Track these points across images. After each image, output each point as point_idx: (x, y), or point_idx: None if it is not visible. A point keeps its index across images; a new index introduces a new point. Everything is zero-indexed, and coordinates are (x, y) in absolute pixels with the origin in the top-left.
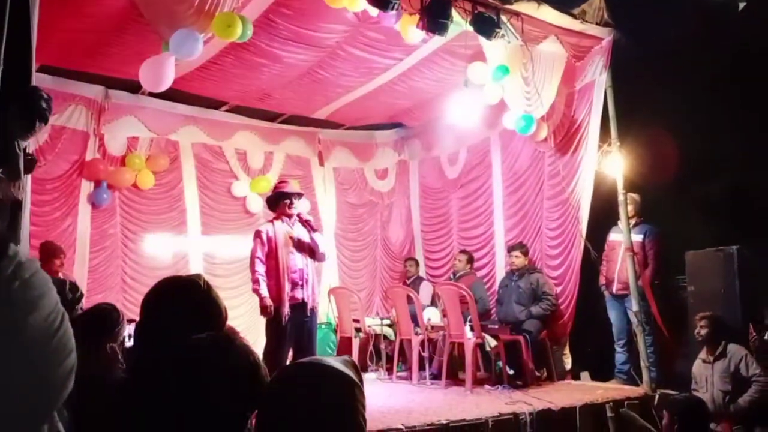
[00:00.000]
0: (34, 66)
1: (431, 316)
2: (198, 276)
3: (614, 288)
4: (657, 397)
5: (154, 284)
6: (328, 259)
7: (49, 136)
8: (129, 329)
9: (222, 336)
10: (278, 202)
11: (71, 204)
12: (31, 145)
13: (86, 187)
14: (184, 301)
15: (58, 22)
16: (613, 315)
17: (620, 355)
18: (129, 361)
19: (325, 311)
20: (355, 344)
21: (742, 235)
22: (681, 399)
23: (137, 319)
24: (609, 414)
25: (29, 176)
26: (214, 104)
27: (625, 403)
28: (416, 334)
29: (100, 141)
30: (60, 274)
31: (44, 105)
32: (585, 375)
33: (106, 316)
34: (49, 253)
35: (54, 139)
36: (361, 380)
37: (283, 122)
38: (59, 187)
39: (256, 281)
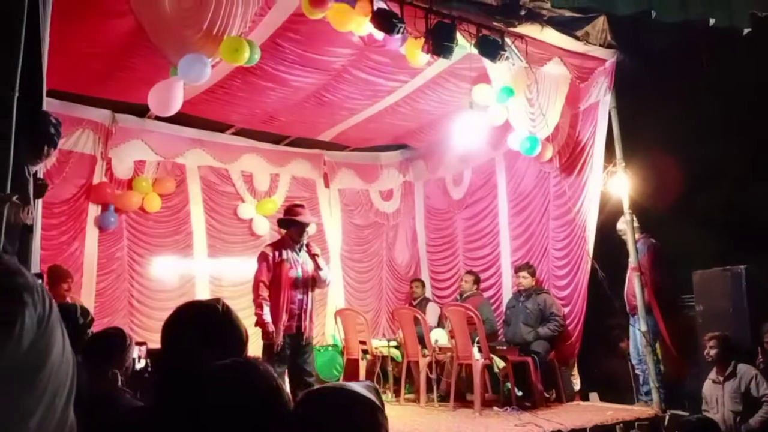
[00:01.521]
0: (45, 91)
1: (438, 337)
2: (217, 300)
3: (628, 309)
4: (667, 418)
5: (175, 309)
6: (332, 282)
7: (56, 160)
8: (138, 351)
9: (243, 361)
10: (290, 226)
11: (78, 228)
12: (40, 169)
13: (93, 210)
14: (203, 327)
15: (66, 47)
16: (630, 336)
17: (639, 377)
18: (143, 385)
19: (332, 333)
20: (362, 366)
21: (749, 254)
22: (693, 420)
23: (145, 341)
24: None
25: (39, 201)
26: (220, 127)
27: (636, 424)
28: (423, 355)
29: (107, 165)
30: (68, 298)
31: (53, 130)
32: (594, 396)
33: (113, 341)
34: (57, 277)
35: (62, 163)
36: (383, 405)
37: (288, 144)
38: (66, 211)
39: (259, 305)
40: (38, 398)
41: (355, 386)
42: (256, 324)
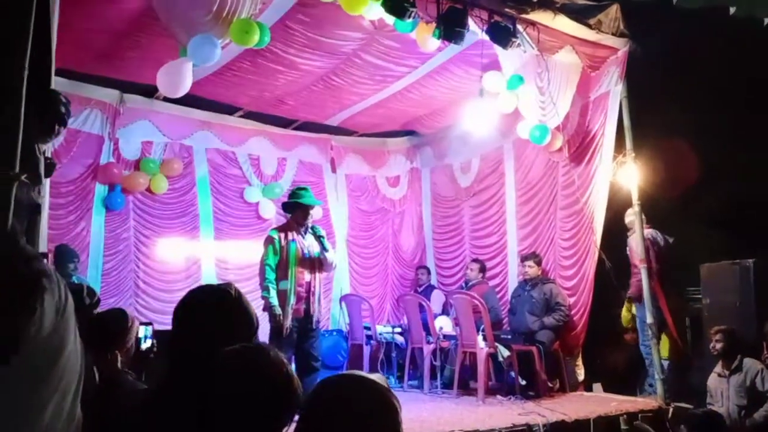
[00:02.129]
0: (54, 69)
1: (443, 324)
2: (229, 285)
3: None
4: (671, 410)
5: (187, 293)
6: (337, 267)
7: (64, 139)
8: (144, 331)
9: (254, 347)
10: (294, 209)
11: (85, 208)
12: (48, 148)
13: (100, 190)
14: (216, 311)
15: (74, 26)
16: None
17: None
18: (149, 365)
19: (336, 318)
20: (366, 352)
21: (758, 249)
22: (700, 414)
23: (150, 322)
24: (623, 427)
25: (47, 180)
26: (228, 110)
27: (639, 415)
28: (428, 342)
29: (115, 145)
30: (74, 278)
31: (63, 109)
32: (597, 386)
33: (115, 322)
34: (64, 256)
35: (69, 142)
36: (397, 401)
37: (296, 129)
38: (74, 191)
39: (266, 289)
40: (53, 390)
41: (366, 375)
42: (264, 308)
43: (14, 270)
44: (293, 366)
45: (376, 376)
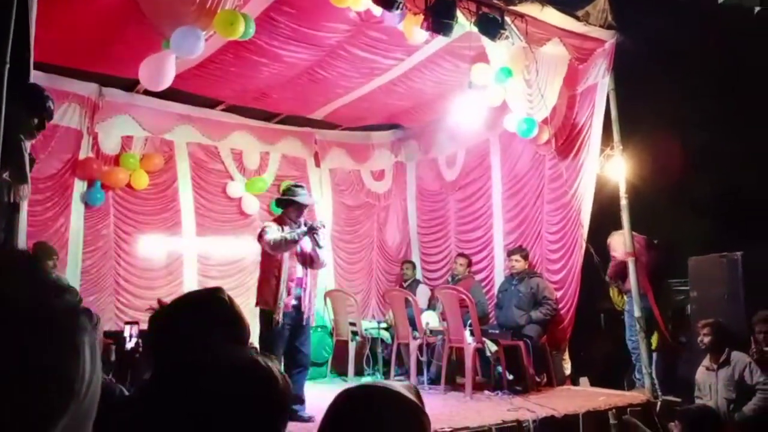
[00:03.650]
0: (32, 63)
1: (430, 320)
2: (220, 290)
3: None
4: (659, 404)
5: (177, 298)
6: (326, 265)
7: (42, 134)
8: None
9: (249, 357)
10: (288, 206)
11: (64, 204)
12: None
13: (79, 186)
14: (208, 317)
15: (52, 19)
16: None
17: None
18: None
19: (321, 314)
20: (352, 348)
21: (745, 240)
22: (693, 409)
23: (137, 321)
24: (612, 421)
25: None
26: (210, 103)
27: (628, 410)
28: (414, 338)
29: (94, 140)
30: (53, 276)
31: (51, 104)
32: (584, 380)
33: None
34: (43, 253)
35: (47, 137)
36: (422, 403)
37: (279, 122)
38: (52, 186)
39: (294, 240)
40: None
41: (396, 386)
42: (290, 240)
43: (49, 307)
44: (282, 363)
45: (405, 385)
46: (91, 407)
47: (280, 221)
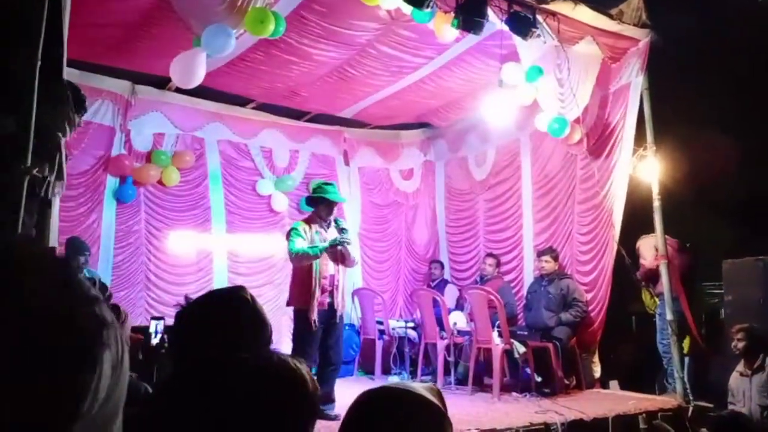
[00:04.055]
0: (66, 60)
1: (457, 320)
2: (243, 289)
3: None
4: (691, 409)
5: (199, 297)
6: (357, 263)
7: (75, 130)
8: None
9: (270, 353)
10: (318, 204)
11: (96, 200)
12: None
13: (112, 182)
14: (232, 317)
15: (86, 16)
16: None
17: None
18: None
19: (349, 312)
20: (379, 346)
21: None
22: (724, 415)
23: (162, 316)
24: (642, 426)
25: None
26: (241, 101)
27: (659, 414)
28: (441, 338)
29: (126, 137)
30: (84, 271)
31: (86, 101)
32: (614, 384)
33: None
34: (75, 249)
35: (80, 134)
36: (445, 407)
37: (308, 121)
38: (85, 183)
39: (316, 255)
40: None
41: (418, 388)
42: (310, 256)
43: (73, 319)
44: (316, 362)
45: (427, 387)
46: (116, 410)
47: (309, 220)
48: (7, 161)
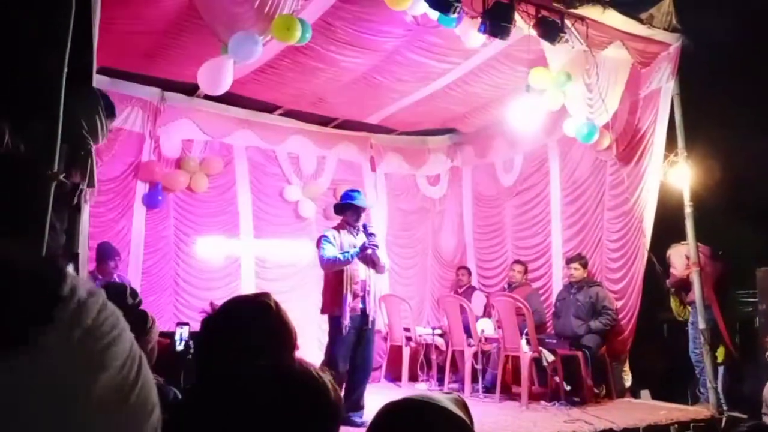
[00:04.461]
0: (95, 68)
1: (485, 327)
2: (268, 296)
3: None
4: (724, 420)
5: (224, 304)
6: (387, 269)
7: (107, 137)
8: (180, 333)
9: (292, 361)
10: (346, 211)
11: (126, 205)
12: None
13: (141, 188)
14: (256, 324)
15: (116, 24)
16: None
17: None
18: (185, 366)
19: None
20: (405, 353)
21: None
22: (750, 426)
23: (187, 322)
24: None
25: None
26: (268, 108)
27: (691, 425)
28: (469, 345)
29: (156, 143)
30: (114, 276)
31: (115, 108)
32: (645, 393)
33: (132, 324)
34: (105, 254)
35: (110, 140)
36: (471, 421)
37: (335, 127)
38: (115, 189)
39: (347, 261)
40: None
41: (443, 400)
42: (343, 262)
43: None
44: (347, 368)
45: (452, 398)
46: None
47: (339, 227)
48: (35, 167)
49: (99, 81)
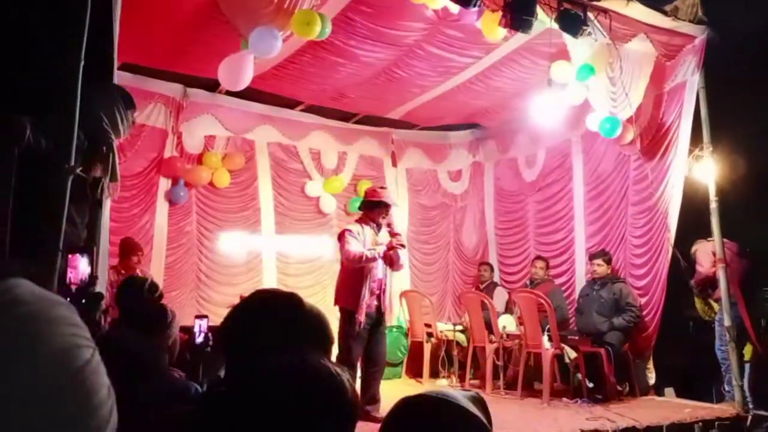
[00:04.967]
0: (116, 64)
1: (506, 323)
2: (292, 294)
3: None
4: (750, 418)
5: (248, 297)
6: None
7: (129, 133)
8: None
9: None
10: (373, 208)
11: (149, 201)
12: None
13: (164, 184)
14: (287, 320)
15: (138, 20)
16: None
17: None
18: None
19: (397, 314)
20: (427, 349)
21: None
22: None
23: (206, 315)
24: None
25: None
26: (290, 104)
27: (716, 423)
28: (490, 341)
29: (178, 139)
30: (138, 271)
31: (134, 100)
32: (670, 391)
33: (153, 319)
34: (128, 249)
35: (134, 136)
36: (489, 420)
37: (356, 122)
38: (138, 184)
39: (372, 258)
40: None
41: (459, 398)
42: (368, 259)
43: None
44: (359, 364)
45: (470, 396)
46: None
47: (362, 222)
48: (53, 161)
49: (122, 77)
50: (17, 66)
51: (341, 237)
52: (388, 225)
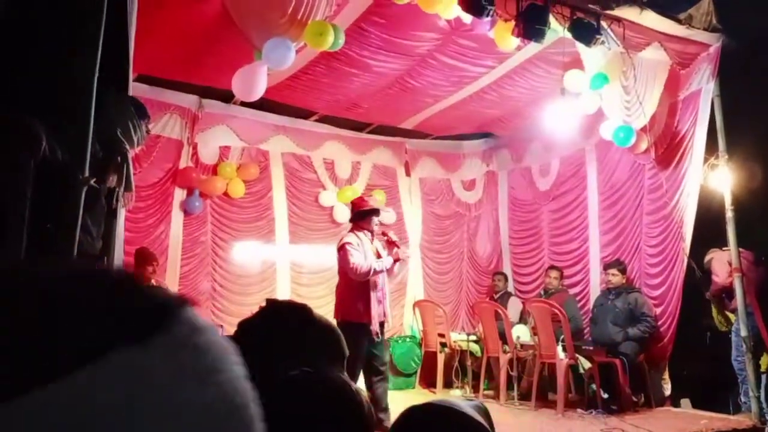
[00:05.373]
0: (131, 75)
1: (520, 333)
2: (307, 306)
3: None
4: (767, 429)
5: (265, 309)
6: (411, 273)
7: (144, 144)
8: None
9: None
10: (365, 216)
11: (165, 211)
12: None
13: (179, 194)
14: (303, 333)
15: (153, 32)
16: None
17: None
18: None
19: (410, 324)
20: (440, 359)
21: None
22: None
23: (222, 324)
24: None
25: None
26: (304, 114)
27: None
28: (504, 351)
29: (193, 150)
30: (152, 281)
31: (147, 109)
32: (686, 402)
33: None
34: (143, 259)
35: (149, 147)
36: (492, 429)
37: (370, 132)
38: (153, 195)
39: (380, 271)
40: None
41: (464, 406)
42: (372, 272)
43: None
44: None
45: (474, 405)
46: None
47: (356, 231)
48: (67, 172)
49: (138, 88)
50: (31, 76)
51: (342, 251)
52: (384, 234)
